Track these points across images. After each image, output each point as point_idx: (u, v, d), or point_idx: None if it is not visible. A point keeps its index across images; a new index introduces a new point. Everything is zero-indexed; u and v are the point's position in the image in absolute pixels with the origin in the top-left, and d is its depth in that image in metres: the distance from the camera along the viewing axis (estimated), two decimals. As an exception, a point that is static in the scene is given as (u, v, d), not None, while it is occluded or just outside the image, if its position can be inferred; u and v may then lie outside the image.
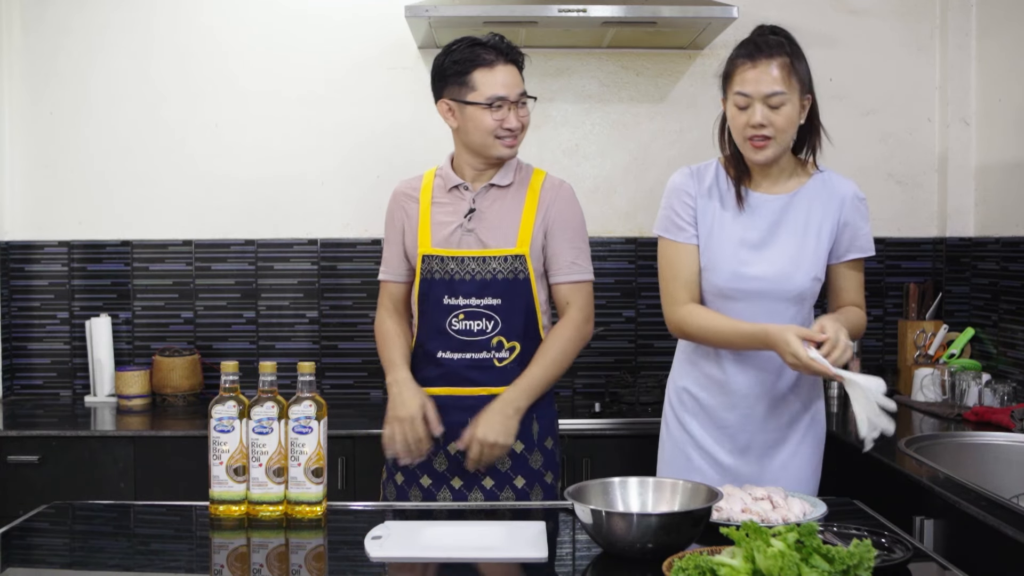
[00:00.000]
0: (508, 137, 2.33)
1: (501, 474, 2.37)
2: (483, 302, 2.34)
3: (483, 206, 2.38)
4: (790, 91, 2.15)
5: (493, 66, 2.30)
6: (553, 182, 2.43)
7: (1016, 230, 3.28)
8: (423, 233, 2.38)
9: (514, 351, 2.37)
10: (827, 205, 2.25)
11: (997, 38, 3.44)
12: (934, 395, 3.27)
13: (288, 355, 3.55)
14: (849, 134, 3.62)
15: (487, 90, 2.30)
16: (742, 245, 2.25)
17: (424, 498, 2.38)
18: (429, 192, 2.42)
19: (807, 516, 1.84)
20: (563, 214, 2.40)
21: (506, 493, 2.37)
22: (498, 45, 2.33)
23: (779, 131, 2.15)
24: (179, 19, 3.60)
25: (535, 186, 2.41)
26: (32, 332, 3.63)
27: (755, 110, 2.14)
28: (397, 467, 2.41)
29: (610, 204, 3.63)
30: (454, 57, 2.33)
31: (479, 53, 2.31)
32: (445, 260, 2.36)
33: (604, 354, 3.62)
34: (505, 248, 2.35)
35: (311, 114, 3.61)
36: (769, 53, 2.15)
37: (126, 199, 3.62)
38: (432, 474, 2.39)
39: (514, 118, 2.32)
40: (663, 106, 3.65)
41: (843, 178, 2.30)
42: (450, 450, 2.37)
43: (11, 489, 2.99)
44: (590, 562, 1.76)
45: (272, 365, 1.96)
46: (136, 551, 1.91)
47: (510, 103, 2.32)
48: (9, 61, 3.60)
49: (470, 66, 2.31)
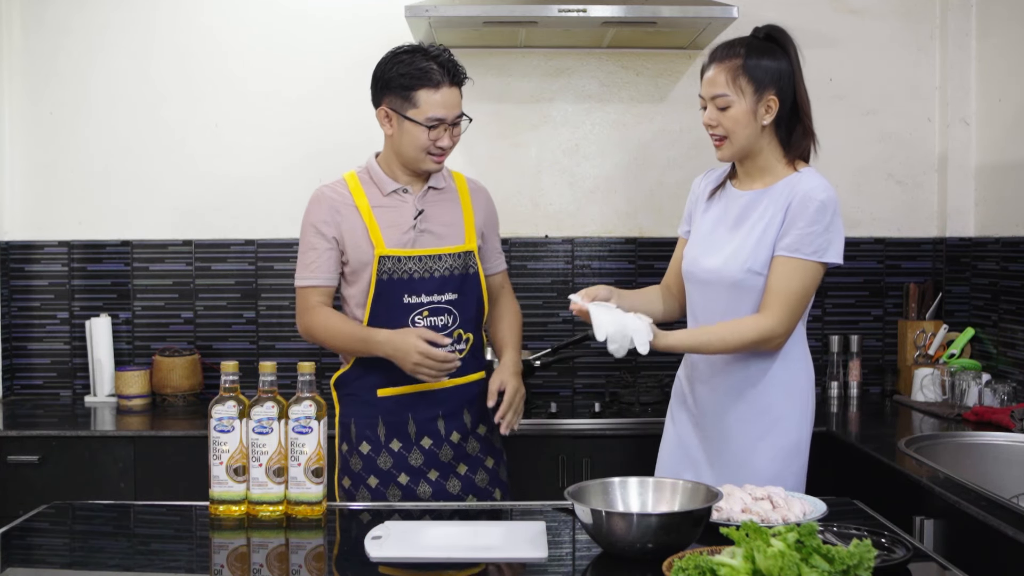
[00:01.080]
0: (439, 154, 2.40)
1: (473, 458, 2.47)
2: (444, 298, 2.43)
3: (427, 207, 2.46)
4: (736, 94, 2.24)
5: (439, 87, 2.34)
6: (475, 184, 2.59)
7: (1016, 230, 3.28)
8: (375, 236, 2.40)
9: (469, 342, 2.48)
10: (784, 201, 2.25)
11: (997, 38, 3.44)
12: (934, 395, 3.27)
13: (288, 355, 3.55)
14: (849, 134, 3.63)
15: (428, 110, 2.34)
16: (706, 235, 2.36)
17: (403, 496, 2.41)
18: (363, 197, 2.44)
19: (807, 516, 1.84)
20: (491, 215, 2.60)
21: (480, 475, 2.47)
22: (446, 64, 2.36)
23: (729, 131, 2.26)
24: (179, 19, 3.60)
25: (463, 188, 2.55)
26: (32, 332, 3.63)
27: (706, 111, 2.30)
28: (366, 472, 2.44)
29: (610, 204, 3.63)
30: (401, 69, 2.36)
31: (427, 71, 2.34)
32: (403, 260, 2.39)
33: (604, 354, 3.57)
34: (457, 245, 2.46)
35: (311, 114, 3.61)
36: (721, 57, 2.27)
37: (126, 199, 3.62)
38: (408, 470, 2.42)
39: (447, 138, 2.39)
40: (663, 106, 3.65)
41: (813, 178, 2.24)
42: (423, 444, 2.43)
43: (11, 489, 2.99)
44: (590, 562, 1.76)
45: (272, 365, 1.97)
46: (136, 551, 1.91)
47: (447, 124, 2.37)
48: (9, 61, 3.60)
49: (416, 83, 2.34)
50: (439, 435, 2.44)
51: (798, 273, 2.20)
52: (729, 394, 2.31)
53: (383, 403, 2.43)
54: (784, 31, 2.30)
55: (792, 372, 2.30)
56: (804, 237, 2.19)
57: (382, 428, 2.43)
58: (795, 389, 2.31)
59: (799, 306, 2.22)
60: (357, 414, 2.45)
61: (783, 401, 2.29)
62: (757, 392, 2.29)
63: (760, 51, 2.26)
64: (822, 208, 2.20)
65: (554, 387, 3.61)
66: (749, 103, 2.24)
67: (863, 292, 3.64)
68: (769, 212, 2.26)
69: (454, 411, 2.45)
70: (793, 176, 2.28)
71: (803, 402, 2.33)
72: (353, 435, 2.45)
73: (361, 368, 2.44)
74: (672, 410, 2.48)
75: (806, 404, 2.33)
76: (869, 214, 3.63)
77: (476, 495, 2.45)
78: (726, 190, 2.37)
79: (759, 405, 2.28)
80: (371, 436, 2.43)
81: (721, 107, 2.25)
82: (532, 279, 3.61)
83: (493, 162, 3.62)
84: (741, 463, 2.28)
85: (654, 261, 3.62)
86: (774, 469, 2.26)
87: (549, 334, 3.59)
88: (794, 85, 2.28)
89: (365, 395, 2.44)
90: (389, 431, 2.43)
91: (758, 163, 2.31)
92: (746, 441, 2.29)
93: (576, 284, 3.60)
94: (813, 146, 2.31)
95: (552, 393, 3.58)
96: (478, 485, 2.46)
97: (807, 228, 2.19)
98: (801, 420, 2.32)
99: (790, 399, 2.30)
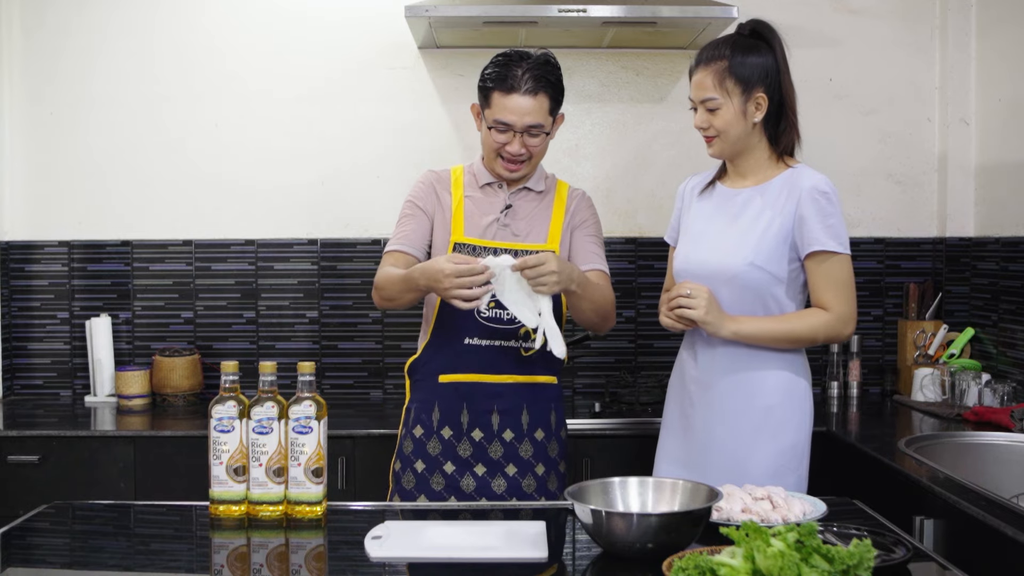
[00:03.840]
0: (510, 162, 2.40)
1: (524, 461, 2.43)
2: None
3: (517, 204, 2.47)
4: (723, 96, 2.26)
5: (511, 93, 2.34)
6: (575, 191, 2.55)
7: (1016, 230, 3.28)
8: (456, 222, 2.43)
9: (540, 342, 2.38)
10: (787, 198, 2.27)
11: (997, 38, 3.44)
12: (934, 395, 3.27)
13: (288, 355, 3.55)
14: (849, 134, 3.63)
15: (496, 113, 2.36)
16: (700, 233, 2.37)
17: (447, 485, 2.41)
18: (460, 186, 2.48)
19: (807, 516, 1.84)
20: (583, 214, 2.52)
21: (528, 480, 2.43)
22: (531, 70, 2.34)
23: (719, 131, 2.28)
24: (179, 20, 3.60)
25: (562, 194, 2.53)
26: (32, 332, 3.63)
27: (697, 113, 2.31)
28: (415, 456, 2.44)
29: (610, 204, 3.63)
30: (489, 71, 2.39)
31: (506, 75, 2.34)
32: (477, 249, 2.40)
33: (604, 354, 3.62)
34: (537, 243, 2.44)
35: (311, 114, 3.61)
36: (706, 60, 2.29)
37: (126, 199, 3.62)
38: (456, 460, 2.42)
39: (517, 144, 2.37)
40: (663, 106, 3.64)
41: (812, 173, 2.29)
42: (474, 436, 2.42)
43: (11, 489, 2.99)
44: (590, 562, 1.76)
45: (272, 365, 1.96)
46: (136, 551, 1.91)
47: (516, 131, 2.36)
48: (9, 62, 3.60)
49: (494, 85, 2.36)
50: (491, 429, 2.43)
51: (838, 264, 2.25)
52: (730, 396, 2.30)
53: (442, 389, 2.44)
54: (769, 25, 2.31)
55: (791, 373, 2.31)
56: (828, 230, 2.23)
57: (436, 413, 2.44)
58: (796, 390, 2.31)
59: (853, 294, 2.28)
60: (420, 399, 2.47)
61: (784, 403, 2.29)
62: (758, 394, 2.28)
63: (745, 49, 2.27)
64: (831, 200, 2.25)
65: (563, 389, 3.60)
66: (738, 104, 2.26)
67: (863, 292, 3.62)
68: (770, 208, 2.27)
69: (510, 408, 2.43)
70: (788, 172, 2.30)
71: (803, 403, 2.33)
72: (411, 419, 2.48)
73: (428, 354, 2.47)
74: (667, 414, 2.47)
75: (806, 405, 2.34)
76: (869, 214, 3.63)
77: (520, 499, 2.40)
78: (716, 189, 2.39)
79: (760, 407, 2.28)
80: (425, 420, 2.45)
81: (711, 109, 2.27)
82: (532, 279, 3.61)
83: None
84: (741, 466, 2.27)
85: (654, 261, 3.62)
86: (775, 471, 2.26)
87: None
88: (780, 80, 2.28)
89: (429, 380, 2.46)
90: (443, 417, 2.44)
91: (749, 160, 2.33)
92: (746, 443, 2.28)
93: (576, 284, 3.60)
94: (797, 141, 2.33)
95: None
96: (524, 490, 2.42)
97: (827, 220, 2.24)
98: (801, 421, 2.32)
99: (791, 400, 2.30)
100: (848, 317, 2.26)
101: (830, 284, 2.25)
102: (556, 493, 2.47)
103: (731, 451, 2.29)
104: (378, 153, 3.59)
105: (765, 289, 2.27)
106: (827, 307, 2.25)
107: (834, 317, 2.25)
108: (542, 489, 2.45)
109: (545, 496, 2.45)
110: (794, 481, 2.27)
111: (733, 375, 2.29)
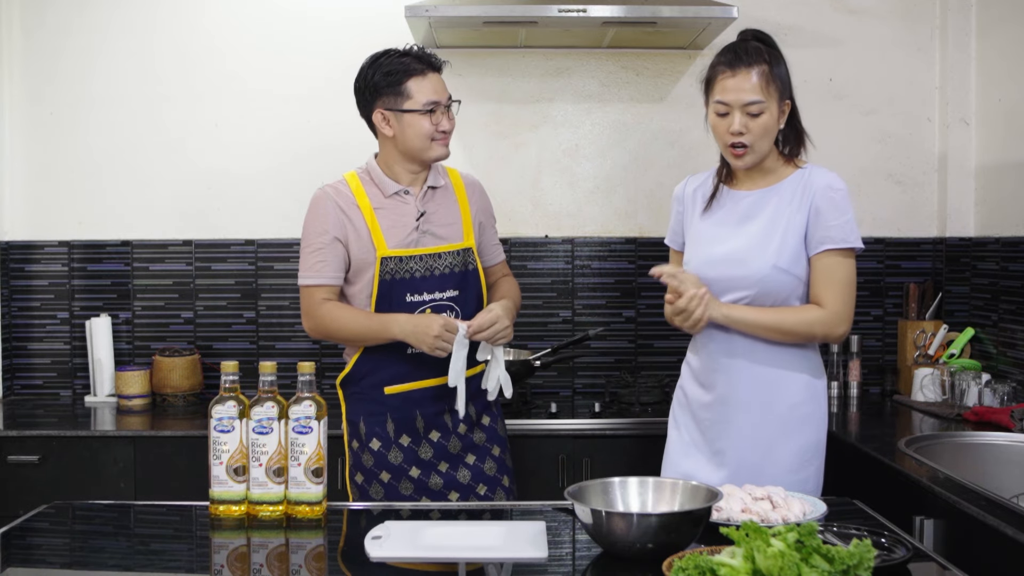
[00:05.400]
0: (442, 138, 2.47)
1: (480, 448, 2.52)
2: (445, 295, 2.48)
3: (428, 208, 2.51)
4: (768, 99, 2.22)
5: (424, 74, 2.45)
6: (469, 179, 2.64)
7: (1016, 230, 3.28)
8: (377, 237, 2.44)
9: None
10: (801, 198, 2.27)
11: (997, 38, 3.44)
12: (934, 395, 3.27)
13: (288, 355, 3.55)
14: (849, 134, 3.63)
15: (423, 97, 2.43)
16: (713, 238, 2.33)
17: (415, 488, 2.44)
18: (365, 198, 2.48)
19: (807, 516, 1.84)
20: (485, 207, 2.65)
21: (488, 464, 2.52)
22: (424, 56, 2.47)
23: (756, 139, 2.23)
24: (179, 20, 3.60)
25: (458, 184, 2.60)
26: (32, 332, 3.63)
27: (734, 118, 2.22)
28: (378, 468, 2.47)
29: (610, 204, 3.63)
30: (384, 70, 2.45)
31: (408, 64, 2.45)
32: (405, 260, 2.44)
33: (604, 354, 3.62)
34: (455, 243, 2.52)
35: (311, 114, 3.61)
36: (748, 62, 2.22)
37: (126, 199, 3.62)
38: (419, 463, 2.46)
39: (446, 121, 2.47)
40: (663, 106, 3.64)
41: (824, 171, 2.29)
42: (432, 438, 2.47)
43: (11, 489, 2.99)
44: (590, 562, 1.76)
45: (272, 365, 1.97)
46: (136, 551, 1.91)
47: (442, 107, 2.46)
48: (9, 62, 3.60)
49: (403, 76, 2.44)
50: (447, 428, 2.49)
51: (843, 264, 2.24)
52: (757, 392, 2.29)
53: (391, 400, 2.47)
54: (767, 34, 2.32)
55: (813, 371, 2.33)
56: (838, 228, 2.23)
57: (391, 424, 2.47)
58: (817, 388, 2.33)
59: (853, 294, 2.27)
60: (365, 412, 2.49)
61: (809, 400, 2.31)
62: (784, 391, 2.29)
63: (775, 57, 2.27)
64: (845, 197, 2.26)
65: (554, 387, 3.61)
66: (775, 109, 2.24)
67: (863, 292, 3.61)
68: (787, 210, 2.26)
69: None
70: (799, 172, 2.30)
71: (823, 400, 2.35)
72: (363, 433, 2.48)
73: (366, 367, 2.48)
74: (675, 415, 2.45)
75: (825, 402, 2.36)
76: (869, 214, 3.63)
77: (486, 483, 2.49)
78: (722, 193, 2.36)
79: (786, 403, 2.29)
80: (381, 433, 2.47)
81: (754, 113, 2.21)
82: (532, 279, 3.61)
83: (493, 162, 3.62)
84: (764, 464, 2.27)
85: (654, 261, 3.57)
86: (799, 468, 2.28)
87: (549, 334, 3.59)
88: (791, 86, 2.30)
89: (372, 393, 2.48)
90: (398, 427, 2.47)
91: (764, 165, 2.31)
92: (770, 441, 2.28)
93: (576, 284, 3.60)
94: (805, 144, 2.34)
95: (552, 393, 3.58)
96: (487, 473, 2.51)
97: (839, 218, 2.24)
98: (822, 419, 2.35)
99: (815, 398, 2.33)
100: (843, 316, 2.25)
101: (830, 281, 2.24)
102: (511, 467, 2.58)
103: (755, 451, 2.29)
104: (378, 153, 3.58)
105: (789, 292, 2.26)
106: (823, 304, 2.24)
107: (829, 314, 2.24)
108: (503, 468, 2.55)
109: (507, 474, 2.55)
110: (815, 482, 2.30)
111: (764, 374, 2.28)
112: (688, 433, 2.39)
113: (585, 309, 3.62)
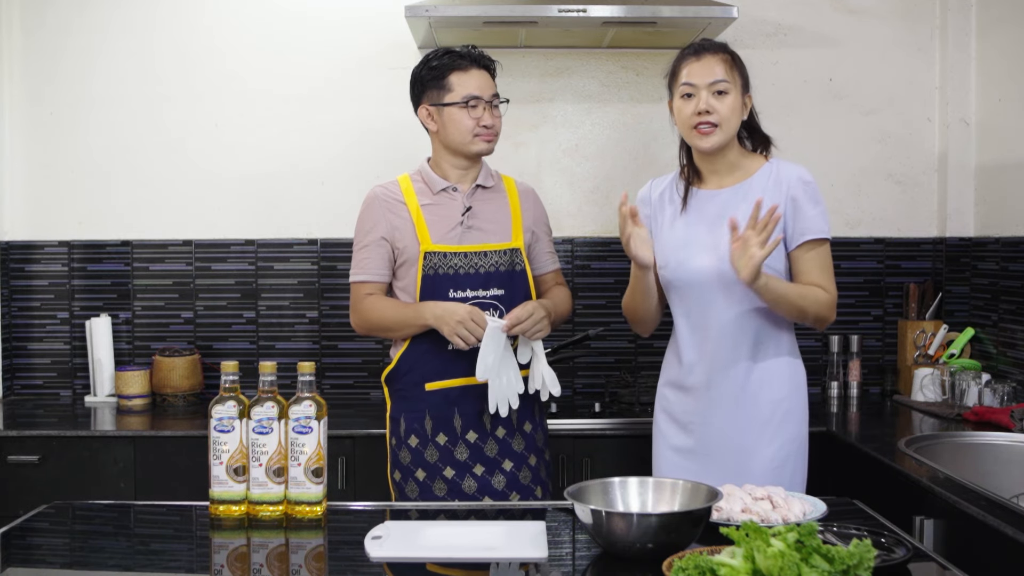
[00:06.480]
0: (485, 133, 2.50)
1: (517, 455, 2.50)
2: (489, 293, 2.47)
3: (475, 205, 2.53)
4: (732, 82, 2.30)
5: (467, 70, 2.50)
6: (524, 186, 2.66)
7: (1016, 230, 3.28)
8: (422, 232, 2.47)
9: (515, 339, 2.48)
10: (775, 191, 2.30)
11: (997, 38, 3.44)
12: (934, 395, 3.27)
13: (288, 355, 3.55)
14: (849, 134, 3.63)
15: (462, 90, 2.49)
16: (688, 240, 2.35)
17: (449, 490, 2.46)
18: (413, 196, 2.52)
19: (807, 516, 1.84)
20: (540, 215, 2.66)
21: (524, 472, 2.50)
22: (471, 53, 2.52)
23: (723, 119, 2.28)
24: (179, 20, 3.60)
25: (512, 189, 2.62)
26: (32, 332, 3.63)
27: (700, 98, 2.29)
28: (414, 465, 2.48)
29: (610, 204, 3.63)
30: (431, 65, 2.52)
31: (454, 59, 2.51)
32: (448, 256, 2.46)
33: (604, 354, 3.62)
34: (503, 242, 2.52)
35: (311, 114, 3.61)
36: (713, 49, 2.32)
37: (126, 199, 3.62)
38: (454, 464, 2.47)
39: (489, 116, 2.51)
40: (663, 106, 3.62)
41: (791, 164, 2.34)
42: (468, 438, 2.47)
43: (11, 489, 2.99)
44: (590, 562, 1.76)
45: (272, 365, 1.97)
46: (136, 551, 1.91)
47: (484, 103, 2.49)
48: (9, 62, 3.60)
49: (446, 71, 2.50)
50: (485, 430, 2.49)
51: (827, 252, 2.32)
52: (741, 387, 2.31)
53: (430, 397, 2.49)
54: None
55: (795, 366, 2.36)
56: (817, 218, 2.29)
57: (429, 422, 2.49)
58: (799, 383, 2.36)
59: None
60: (406, 409, 2.51)
61: (791, 395, 2.33)
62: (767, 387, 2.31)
63: (736, 55, 2.36)
64: (816, 188, 2.31)
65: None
66: (739, 94, 2.31)
67: (863, 292, 3.64)
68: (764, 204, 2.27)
69: None
70: (767, 166, 2.35)
71: (804, 396, 2.38)
72: (402, 429, 2.51)
73: (408, 363, 2.50)
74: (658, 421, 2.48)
75: (805, 398, 2.39)
76: (869, 214, 3.63)
77: (519, 492, 2.49)
78: (690, 194, 2.39)
79: (769, 399, 2.30)
80: (419, 429, 2.49)
81: (720, 91, 2.28)
82: (532, 279, 3.61)
83: (493, 162, 3.59)
84: (748, 460, 2.29)
85: (654, 261, 3.61)
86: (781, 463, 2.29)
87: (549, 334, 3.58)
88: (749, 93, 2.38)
89: (414, 390, 2.50)
90: (436, 425, 2.48)
91: (728, 158, 2.35)
92: (753, 437, 2.30)
93: (576, 284, 3.60)
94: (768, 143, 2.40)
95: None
96: (521, 482, 2.50)
97: (816, 208, 2.30)
98: (804, 413, 2.37)
99: (797, 393, 2.35)
100: (835, 301, 2.32)
101: (824, 268, 2.30)
102: (547, 481, 2.56)
103: (739, 449, 2.31)
104: (378, 153, 3.58)
105: None
106: (824, 287, 2.29)
107: (832, 298, 2.30)
108: (536, 479, 2.53)
109: (540, 486, 2.52)
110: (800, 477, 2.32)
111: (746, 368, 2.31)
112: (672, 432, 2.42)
113: (585, 309, 3.62)
